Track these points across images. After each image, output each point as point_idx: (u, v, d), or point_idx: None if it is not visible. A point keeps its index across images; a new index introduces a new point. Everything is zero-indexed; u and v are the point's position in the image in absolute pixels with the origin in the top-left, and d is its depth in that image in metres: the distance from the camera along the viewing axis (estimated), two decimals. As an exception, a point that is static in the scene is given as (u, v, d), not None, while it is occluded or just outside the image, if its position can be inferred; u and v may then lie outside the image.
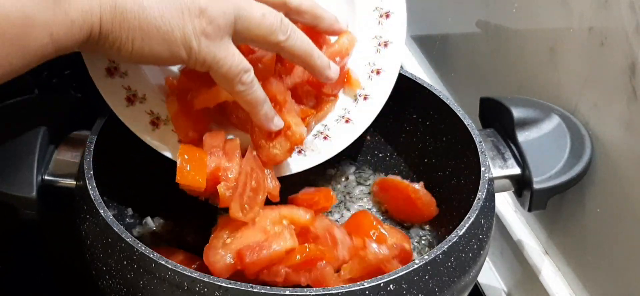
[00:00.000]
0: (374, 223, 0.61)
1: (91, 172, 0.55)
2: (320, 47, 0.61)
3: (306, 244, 0.56)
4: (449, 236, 0.53)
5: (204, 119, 0.60)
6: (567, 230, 0.66)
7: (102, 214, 0.52)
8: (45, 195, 0.56)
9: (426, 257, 0.51)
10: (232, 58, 0.53)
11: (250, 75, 0.55)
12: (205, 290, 0.47)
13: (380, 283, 0.49)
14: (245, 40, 0.55)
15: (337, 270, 0.58)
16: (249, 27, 0.54)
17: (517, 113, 0.63)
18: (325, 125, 0.66)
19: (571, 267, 0.66)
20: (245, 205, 0.56)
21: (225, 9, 0.52)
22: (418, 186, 0.67)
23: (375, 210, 0.71)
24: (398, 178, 0.69)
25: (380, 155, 0.74)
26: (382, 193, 0.70)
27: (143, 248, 0.49)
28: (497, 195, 0.61)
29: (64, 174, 0.58)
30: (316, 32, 0.61)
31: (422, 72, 0.94)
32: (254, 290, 0.47)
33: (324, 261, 0.55)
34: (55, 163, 0.58)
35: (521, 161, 0.61)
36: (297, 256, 0.55)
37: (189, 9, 0.51)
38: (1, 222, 0.72)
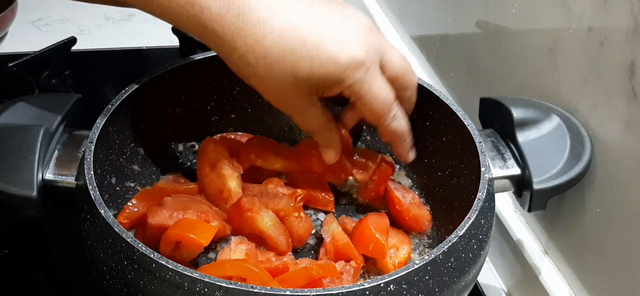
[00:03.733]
0: (377, 235, 0.61)
1: (91, 172, 0.55)
2: None
3: (309, 264, 0.57)
4: (449, 237, 0.53)
5: None
6: (567, 230, 0.66)
7: (103, 214, 0.52)
8: (45, 195, 0.56)
9: (426, 257, 0.51)
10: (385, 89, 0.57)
11: (396, 105, 0.59)
12: (206, 290, 0.47)
13: (380, 283, 0.49)
14: (386, 74, 0.57)
15: None
16: (391, 60, 0.57)
17: (516, 113, 0.63)
18: None
19: (571, 267, 0.66)
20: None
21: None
22: (407, 199, 0.67)
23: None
24: (393, 185, 0.69)
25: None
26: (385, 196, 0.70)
27: (143, 248, 0.49)
28: (496, 195, 0.61)
29: (64, 174, 0.58)
30: None
31: (422, 72, 0.94)
32: (254, 290, 0.47)
33: (329, 278, 0.56)
34: (56, 162, 0.58)
35: (521, 161, 0.61)
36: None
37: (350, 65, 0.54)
38: (1, 222, 0.72)
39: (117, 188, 0.66)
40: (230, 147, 0.68)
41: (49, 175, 0.57)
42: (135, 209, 0.63)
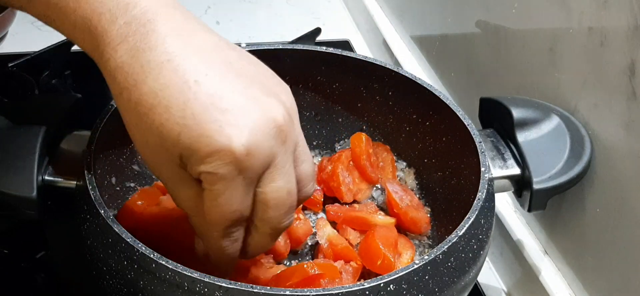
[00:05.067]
0: (382, 248, 0.60)
1: (91, 172, 0.55)
2: None
3: (308, 263, 0.57)
4: (449, 237, 0.53)
5: None
6: (567, 230, 0.66)
7: (103, 214, 0.52)
8: (45, 196, 0.56)
9: (426, 257, 0.51)
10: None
11: (240, 230, 0.48)
12: (206, 290, 0.47)
13: (380, 283, 0.49)
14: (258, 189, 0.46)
15: None
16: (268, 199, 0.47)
17: (516, 113, 0.63)
18: None
19: (571, 267, 0.66)
20: None
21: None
22: (405, 202, 0.67)
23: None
24: (391, 188, 0.69)
25: (380, 155, 0.74)
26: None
27: (143, 248, 0.49)
28: (496, 195, 0.61)
29: (64, 174, 0.58)
30: None
31: (422, 72, 0.94)
32: (254, 290, 0.47)
33: (327, 279, 0.56)
34: (56, 163, 0.58)
35: (521, 161, 0.61)
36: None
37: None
38: (1, 223, 0.72)
39: (117, 188, 0.66)
40: None
41: (48, 176, 0.57)
42: (132, 208, 0.63)
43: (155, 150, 0.46)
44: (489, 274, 0.75)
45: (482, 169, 0.59)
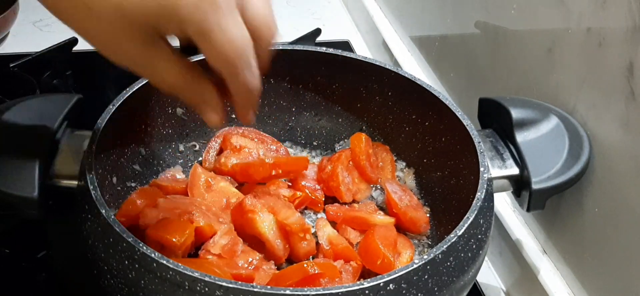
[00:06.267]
0: (382, 248, 0.60)
1: (92, 172, 0.56)
2: None
3: (308, 262, 0.57)
4: (448, 236, 0.53)
5: None
6: (566, 229, 0.66)
7: (104, 214, 0.52)
8: (46, 195, 0.57)
9: (425, 257, 0.51)
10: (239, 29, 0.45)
11: (253, 53, 0.47)
12: (206, 289, 0.48)
13: (379, 283, 0.49)
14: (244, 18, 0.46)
15: None
16: (253, 4, 0.47)
17: (515, 113, 0.63)
18: None
19: (569, 267, 0.66)
20: None
21: None
22: (404, 202, 0.67)
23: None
24: (391, 188, 0.69)
25: (380, 155, 0.74)
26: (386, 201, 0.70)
27: (144, 247, 0.50)
28: (495, 195, 0.61)
29: (65, 174, 0.58)
30: None
31: (421, 73, 0.95)
32: (255, 290, 0.47)
33: (327, 278, 0.56)
34: (57, 163, 0.59)
35: (520, 161, 0.62)
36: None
37: None
38: (3, 222, 0.73)
39: (118, 188, 0.66)
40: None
41: (50, 176, 0.57)
42: (131, 207, 0.63)
43: (117, 30, 0.44)
44: (488, 273, 0.75)
45: (481, 169, 0.59)
